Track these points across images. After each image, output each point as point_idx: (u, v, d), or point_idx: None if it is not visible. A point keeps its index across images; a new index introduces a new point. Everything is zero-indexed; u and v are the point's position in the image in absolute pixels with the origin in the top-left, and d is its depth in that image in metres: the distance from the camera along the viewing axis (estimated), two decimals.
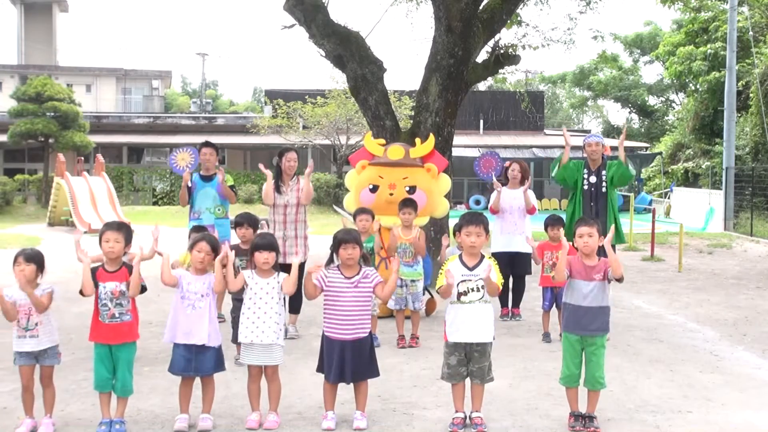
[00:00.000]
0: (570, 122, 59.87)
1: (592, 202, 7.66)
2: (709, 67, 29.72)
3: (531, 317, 8.16)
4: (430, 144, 8.43)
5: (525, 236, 7.65)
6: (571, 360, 4.85)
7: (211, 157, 7.95)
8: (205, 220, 7.77)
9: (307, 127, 30.32)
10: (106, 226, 4.93)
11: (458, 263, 4.79)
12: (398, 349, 6.85)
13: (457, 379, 4.83)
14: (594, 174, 7.72)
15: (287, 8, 10.98)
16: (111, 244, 4.75)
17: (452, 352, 4.80)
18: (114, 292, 4.69)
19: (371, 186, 8.18)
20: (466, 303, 4.73)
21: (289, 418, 4.97)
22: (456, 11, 10.34)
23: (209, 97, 57.85)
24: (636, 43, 48.73)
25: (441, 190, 8.38)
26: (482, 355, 4.78)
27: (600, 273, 4.80)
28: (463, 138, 32.63)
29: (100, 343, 4.72)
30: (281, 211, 7.37)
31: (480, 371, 4.79)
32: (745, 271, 12.96)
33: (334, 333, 4.81)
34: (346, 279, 4.83)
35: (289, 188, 7.41)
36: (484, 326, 4.75)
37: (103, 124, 34.97)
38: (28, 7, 48.97)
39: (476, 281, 4.71)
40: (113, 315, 4.69)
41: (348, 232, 5.01)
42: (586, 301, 4.79)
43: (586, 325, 4.78)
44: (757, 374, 6.21)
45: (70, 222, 21.61)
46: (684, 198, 27.57)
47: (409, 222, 7.20)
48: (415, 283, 7.18)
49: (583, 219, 5.10)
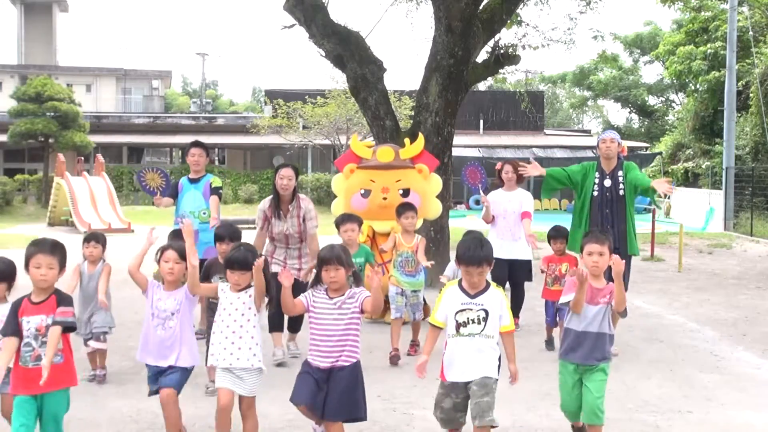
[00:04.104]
0: (570, 122, 59.86)
1: (607, 209, 6.73)
2: (709, 66, 29.74)
3: (531, 317, 8.15)
4: (419, 144, 8.25)
5: (524, 240, 7.43)
6: (568, 394, 4.37)
7: (200, 159, 7.29)
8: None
9: (307, 127, 30.33)
10: (36, 247, 3.89)
11: (457, 289, 4.12)
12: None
13: (452, 425, 4.18)
14: (609, 177, 6.77)
15: (287, 8, 10.98)
16: (43, 271, 3.81)
17: (447, 394, 4.11)
18: (39, 328, 3.78)
19: (362, 191, 7.96)
20: (465, 336, 4.04)
21: (290, 417, 4.96)
22: (456, 11, 10.34)
23: (209, 97, 57.87)
24: (636, 43, 48.72)
25: (433, 191, 8.22)
26: (482, 388, 3.99)
27: (606, 297, 4.33)
28: (463, 138, 32.63)
29: (24, 395, 3.75)
30: (282, 238, 6.58)
31: (482, 405, 3.95)
32: (745, 271, 12.96)
33: (313, 359, 4.14)
34: (328, 300, 4.18)
35: (288, 215, 6.55)
36: (486, 362, 4.03)
37: (103, 124, 34.98)
38: (28, 7, 48.96)
39: (477, 311, 4.04)
40: (38, 357, 3.75)
41: (330, 249, 4.21)
42: (590, 326, 4.31)
43: (587, 354, 4.28)
44: (757, 374, 6.21)
45: (70, 222, 21.62)
46: (684, 198, 27.57)
47: (412, 227, 6.83)
48: (416, 294, 6.78)
49: (594, 234, 4.53)
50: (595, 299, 4.33)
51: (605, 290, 4.35)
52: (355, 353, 4.17)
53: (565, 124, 57.71)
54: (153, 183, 7.54)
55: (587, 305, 4.32)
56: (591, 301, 4.33)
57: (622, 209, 6.74)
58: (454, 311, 4.08)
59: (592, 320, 4.32)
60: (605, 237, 4.45)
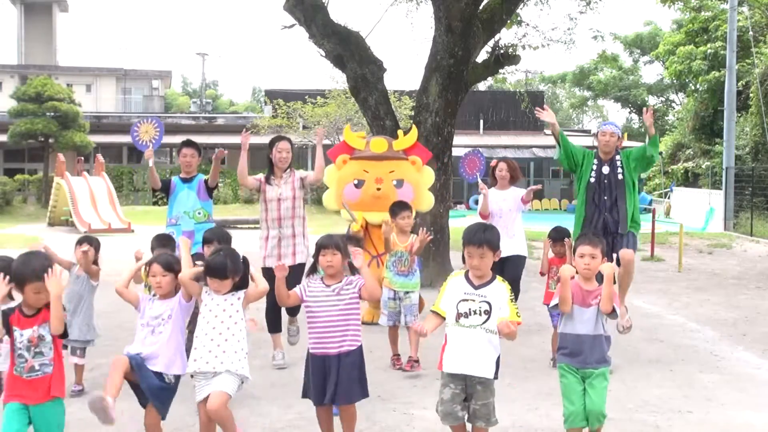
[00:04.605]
0: (570, 122, 59.87)
1: (605, 195, 6.55)
2: (709, 66, 29.75)
3: (531, 317, 8.15)
4: (413, 136, 8.22)
5: (518, 237, 7.42)
6: (571, 394, 4.24)
7: (192, 160, 7.00)
8: (184, 225, 6.79)
9: (307, 127, 30.33)
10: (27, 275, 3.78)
11: (462, 279, 4.11)
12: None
13: (451, 420, 4.08)
14: (607, 164, 6.59)
15: (287, 8, 10.99)
16: (42, 295, 3.78)
17: (447, 384, 4.07)
18: (32, 339, 3.77)
19: (356, 181, 7.89)
20: (465, 327, 4.00)
21: (290, 417, 4.96)
22: (456, 11, 10.34)
23: (209, 97, 57.86)
24: (636, 43, 48.73)
25: (426, 183, 8.18)
26: (486, 390, 4.03)
27: (597, 299, 4.27)
28: (463, 138, 32.59)
29: (15, 402, 3.77)
30: (274, 206, 6.46)
31: (484, 409, 4.03)
32: (745, 271, 12.96)
33: (317, 348, 4.24)
34: (326, 287, 4.28)
35: (282, 180, 6.50)
36: (485, 358, 4.00)
37: (103, 124, 34.97)
38: (28, 7, 48.95)
39: (480, 302, 4.00)
40: (32, 368, 3.77)
41: (329, 236, 4.37)
42: (585, 329, 4.26)
43: (585, 358, 4.23)
44: (757, 374, 6.21)
45: (70, 222, 21.62)
46: (684, 198, 27.58)
47: (408, 226, 6.54)
48: (409, 295, 6.38)
49: (587, 236, 4.49)
50: (587, 301, 4.29)
51: (596, 292, 4.29)
52: (358, 338, 4.28)
53: (565, 124, 57.69)
54: (146, 136, 7.28)
55: (579, 308, 4.29)
56: (583, 303, 4.29)
57: (621, 193, 6.53)
58: (456, 300, 4.05)
59: (586, 323, 4.27)
60: (598, 240, 4.44)
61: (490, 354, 4.02)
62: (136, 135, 7.34)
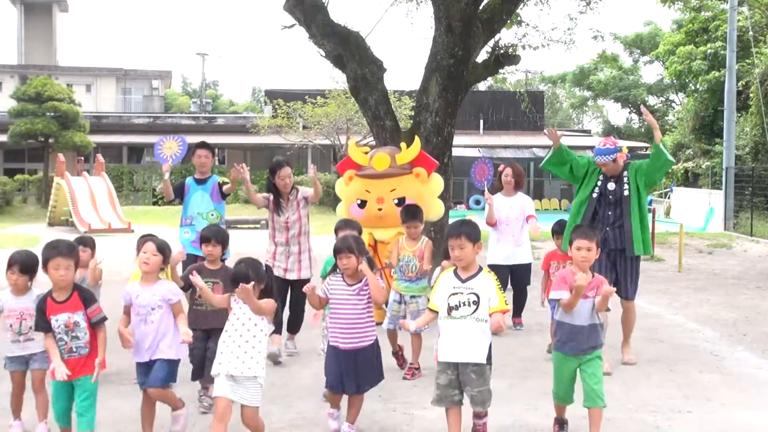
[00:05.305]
0: (570, 122, 59.86)
1: (609, 211, 6.34)
2: (709, 66, 29.76)
3: (531, 317, 8.15)
4: (416, 148, 8.04)
5: (525, 245, 7.54)
6: (561, 381, 4.55)
7: (206, 160, 7.32)
8: (198, 226, 6.99)
9: (307, 127, 30.33)
10: (55, 250, 4.23)
11: (451, 275, 4.38)
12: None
13: (446, 403, 4.31)
14: (614, 180, 6.35)
15: (287, 8, 10.99)
16: (62, 272, 4.18)
17: (443, 371, 4.32)
18: (68, 324, 4.21)
19: (359, 201, 7.91)
20: (456, 318, 4.25)
21: (290, 417, 4.96)
22: (456, 11, 10.35)
23: (209, 97, 57.86)
24: (636, 43, 48.74)
25: (433, 192, 8.06)
26: (480, 377, 4.27)
27: (593, 290, 4.45)
28: (463, 138, 32.62)
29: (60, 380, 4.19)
30: (282, 227, 6.81)
31: (480, 396, 4.28)
32: (745, 271, 12.96)
33: (338, 342, 4.63)
34: (348, 286, 4.65)
35: (288, 204, 6.81)
36: (476, 345, 4.24)
37: (103, 124, 35.00)
38: (28, 7, 48.99)
39: (468, 294, 4.26)
40: (71, 349, 4.22)
41: (343, 240, 4.70)
42: (580, 319, 4.45)
43: (580, 346, 4.46)
44: (757, 374, 6.21)
45: (70, 222, 21.63)
46: (684, 198, 27.58)
47: (416, 235, 6.44)
48: (415, 300, 6.25)
49: (582, 229, 4.64)
50: (584, 293, 4.44)
51: (592, 284, 4.47)
52: (374, 332, 4.72)
53: (565, 124, 57.69)
54: (169, 152, 7.53)
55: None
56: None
57: (627, 209, 6.29)
58: (447, 294, 4.32)
59: (583, 314, 4.47)
60: (593, 232, 4.61)
61: (482, 341, 4.28)
62: (159, 150, 7.61)
